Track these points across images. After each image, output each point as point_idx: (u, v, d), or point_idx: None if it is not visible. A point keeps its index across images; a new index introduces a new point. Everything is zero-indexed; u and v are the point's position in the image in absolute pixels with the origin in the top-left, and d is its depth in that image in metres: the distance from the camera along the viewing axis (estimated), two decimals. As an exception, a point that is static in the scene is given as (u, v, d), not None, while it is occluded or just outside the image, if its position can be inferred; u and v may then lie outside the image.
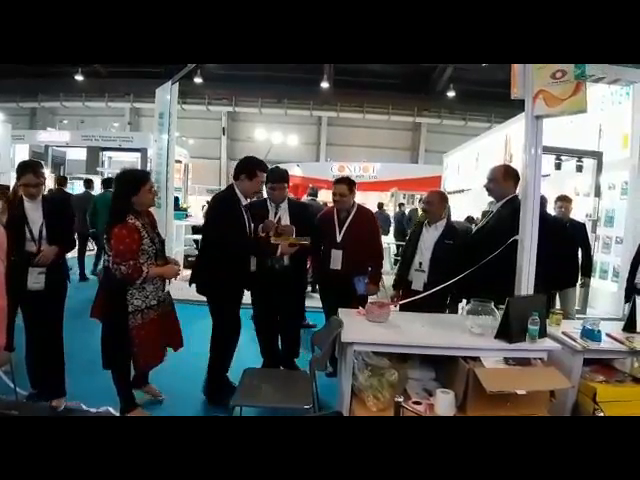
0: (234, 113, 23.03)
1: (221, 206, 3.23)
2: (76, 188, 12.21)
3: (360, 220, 3.68)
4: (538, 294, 2.62)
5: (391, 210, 12.90)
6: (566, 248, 4.24)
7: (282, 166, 4.00)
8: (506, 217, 2.95)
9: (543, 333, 2.43)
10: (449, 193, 10.14)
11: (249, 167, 3.21)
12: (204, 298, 3.27)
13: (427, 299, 3.03)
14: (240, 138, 23.33)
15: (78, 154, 15.95)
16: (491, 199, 3.31)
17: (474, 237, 3.24)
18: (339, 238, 3.60)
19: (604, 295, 5.78)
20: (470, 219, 7.65)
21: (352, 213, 3.67)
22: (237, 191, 3.19)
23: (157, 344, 2.92)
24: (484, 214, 3.46)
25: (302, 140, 21.97)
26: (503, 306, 2.42)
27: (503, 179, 3.06)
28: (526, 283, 2.64)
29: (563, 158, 6.05)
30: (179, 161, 13.93)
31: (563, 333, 2.64)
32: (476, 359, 2.36)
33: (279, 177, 3.51)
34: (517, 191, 3.02)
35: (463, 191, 9.95)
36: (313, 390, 2.46)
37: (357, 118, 21.46)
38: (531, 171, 2.72)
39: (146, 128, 21.61)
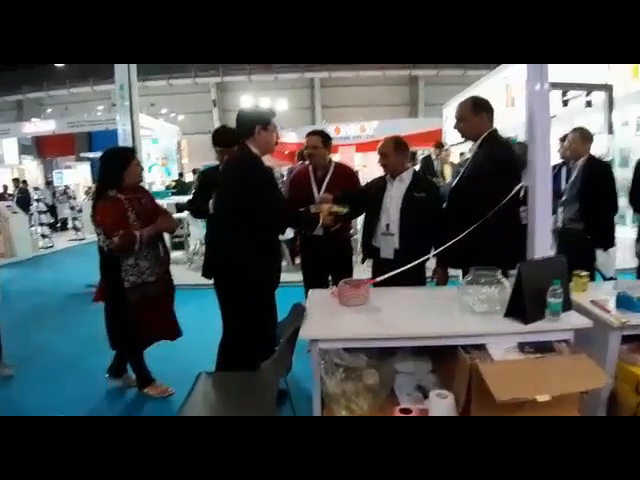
0: (223, 83, 22.15)
1: (250, 169, 2.42)
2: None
3: (339, 178, 3.20)
4: (559, 255, 2.03)
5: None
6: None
7: None
8: (485, 158, 2.36)
9: (567, 306, 1.85)
10: (452, 145, 9.42)
11: (259, 114, 2.56)
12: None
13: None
14: (232, 109, 22.32)
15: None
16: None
17: (453, 191, 2.60)
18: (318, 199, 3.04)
19: (623, 243, 5.16)
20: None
21: (330, 171, 3.22)
22: (255, 151, 2.47)
23: (160, 321, 2.92)
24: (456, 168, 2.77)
25: (295, 105, 21.05)
26: (513, 273, 1.84)
27: (473, 113, 2.46)
28: (542, 242, 2.04)
29: (570, 95, 5.37)
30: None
31: (592, 302, 2.03)
32: (481, 346, 1.80)
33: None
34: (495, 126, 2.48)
35: (465, 141, 9.18)
36: (273, 398, 1.92)
37: (351, 77, 20.40)
38: (538, 109, 2.21)
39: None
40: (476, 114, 2.45)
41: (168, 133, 16.28)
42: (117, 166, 2.85)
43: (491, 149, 2.37)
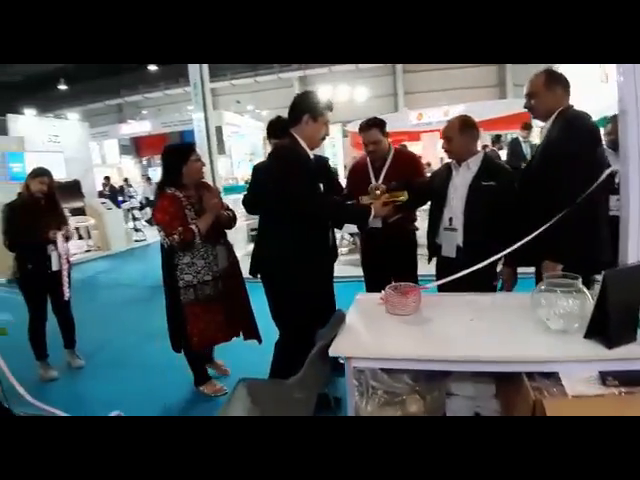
0: (305, 77, 22.25)
1: (296, 161, 2.25)
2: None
3: (399, 165, 2.93)
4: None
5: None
6: None
7: (351, 124, 3.31)
8: (561, 135, 1.97)
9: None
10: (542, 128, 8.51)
11: (312, 103, 2.34)
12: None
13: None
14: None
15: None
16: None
17: (523, 177, 2.26)
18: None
19: None
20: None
21: (389, 159, 2.95)
22: (300, 141, 2.31)
23: (215, 323, 2.81)
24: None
25: (376, 93, 20.55)
26: (599, 279, 1.47)
27: (546, 88, 2.08)
28: (637, 244, 1.63)
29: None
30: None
31: None
32: (552, 374, 1.46)
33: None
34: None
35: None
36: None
37: (435, 60, 19.44)
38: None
39: (222, 107, 21.85)
40: (550, 88, 2.07)
41: (253, 129, 16.72)
42: (175, 163, 2.81)
43: (568, 123, 1.98)
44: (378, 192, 2.45)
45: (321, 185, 2.40)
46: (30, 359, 3.40)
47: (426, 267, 3.11)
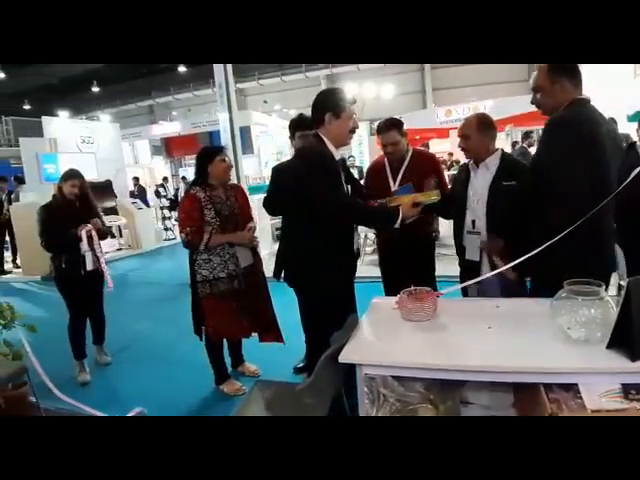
0: (332, 75, 22.23)
1: (321, 162, 2.17)
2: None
3: (418, 165, 2.88)
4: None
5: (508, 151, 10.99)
6: None
7: (377, 122, 3.28)
8: (540, 148, 1.97)
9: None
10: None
11: (331, 100, 2.24)
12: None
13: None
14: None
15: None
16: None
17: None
18: (394, 188, 2.83)
19: None
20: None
21: (407, 159, 2.91)
22: (326, 141, 2.24)
23: (230, 316, 2.90)
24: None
25: (404, 90, 20.32)
26: (623, 284, 1.40)
27: (550, 81, 1.95)
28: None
29: None
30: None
31: None
32: (571, 386, 1.40)
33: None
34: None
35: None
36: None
37: (464, 55, 19.05)
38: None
39: (251, 107, 22.05)
40: (555, 81, 1.95)
41: (281, 128, 16.80)
42: (202, 164, 2.92)
43: (548, 130, 1.90)
44: (407, 195, 2.33)
45: (349, 187, 2.38)
46: (62, 355, 3.49)
47: (448, 269, 3.05)
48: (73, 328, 3.47)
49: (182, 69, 20.73)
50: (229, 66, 6.28)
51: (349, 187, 2.42)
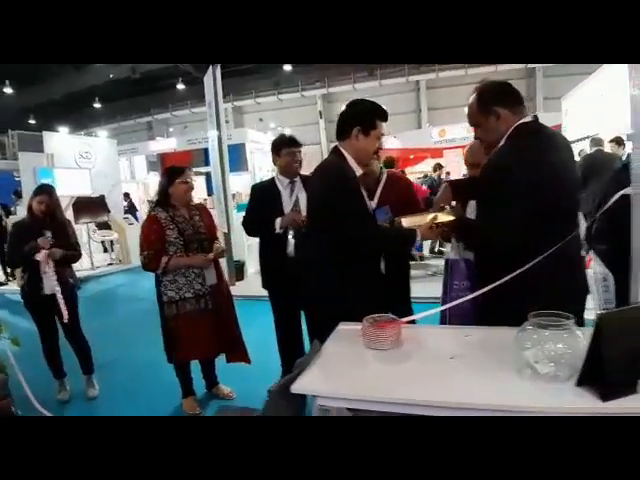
0: (328, 95, 22.46)
1: (341, 181, 1.97)
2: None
3: (393, 190, 2.72)
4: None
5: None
6: None
7: None
8: (502, 156, 1.70)
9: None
10: (572, 142, 8.24)
11: (363, 114, 2.05)
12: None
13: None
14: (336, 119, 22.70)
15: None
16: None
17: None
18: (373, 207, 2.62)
19: None
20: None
21: (382, 181, 2.75)
22: (348, 157, 2.06)
23: (196, 338, 2.84)
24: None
25: (398, 109, 20.45)
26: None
27: (483, 115, 1.78)
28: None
29: None
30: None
31: None
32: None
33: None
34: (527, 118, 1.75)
35: (588, 138, 7.98)
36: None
37: (459, 75, 19.24)
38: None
39: (248, 124, 22.19)
40: (487, 112, 1.76)
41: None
42: (162, 184, 2.90)
43: (518, 142, 1.69)
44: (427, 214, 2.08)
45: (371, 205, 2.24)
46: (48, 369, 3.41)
47: (427, 290, 2.95)
48: (44, 349, 3.33)
49: (180, 86, 20.89)
50: (219, 85, 6.28)
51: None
